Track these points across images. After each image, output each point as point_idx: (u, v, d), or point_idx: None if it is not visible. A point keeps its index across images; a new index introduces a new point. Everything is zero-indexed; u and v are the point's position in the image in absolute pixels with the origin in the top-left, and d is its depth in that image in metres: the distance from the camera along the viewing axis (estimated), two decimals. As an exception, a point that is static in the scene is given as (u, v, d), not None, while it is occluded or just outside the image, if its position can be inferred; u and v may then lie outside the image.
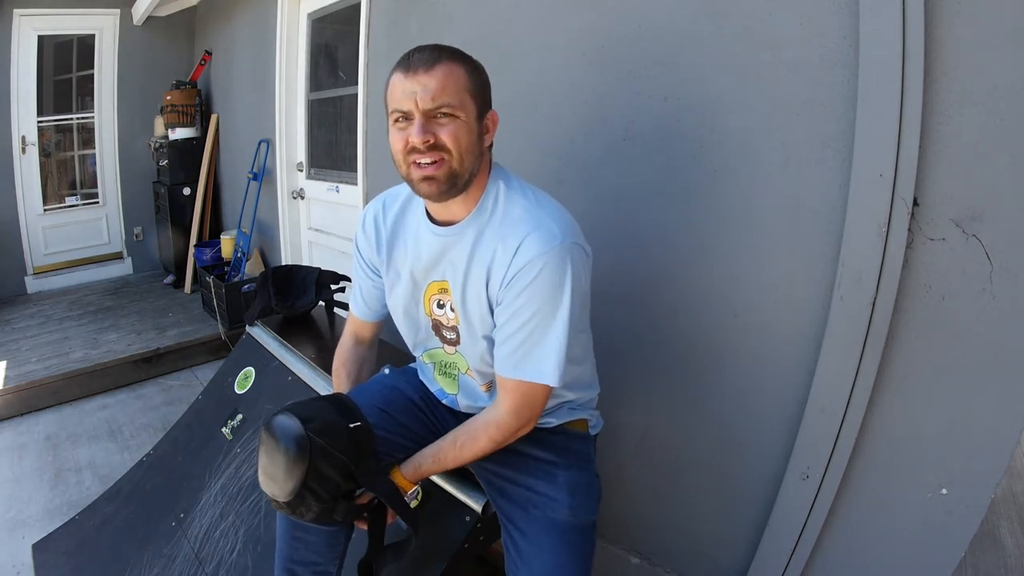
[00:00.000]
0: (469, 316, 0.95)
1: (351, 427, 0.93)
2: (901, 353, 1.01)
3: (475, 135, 0.86)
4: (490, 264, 0.89)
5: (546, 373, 0.88)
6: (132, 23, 3.92)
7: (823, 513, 1.11)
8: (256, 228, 3.34)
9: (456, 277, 0.94)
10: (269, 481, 0.89)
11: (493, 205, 0.92)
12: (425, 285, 0.99)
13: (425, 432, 1.08)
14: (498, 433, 0.93)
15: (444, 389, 1.09)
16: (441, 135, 0.83)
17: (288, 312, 1.94)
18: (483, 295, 0.92)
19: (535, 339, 0.87)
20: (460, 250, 0.93)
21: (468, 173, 0.87)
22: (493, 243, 0.90)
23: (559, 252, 0.85)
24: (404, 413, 1.08)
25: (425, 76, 0.82)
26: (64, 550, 1.60)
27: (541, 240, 0.85)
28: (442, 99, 0.82)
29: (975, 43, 0.89)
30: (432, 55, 0.84)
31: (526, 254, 0.85)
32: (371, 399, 1.06)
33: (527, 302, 0.86)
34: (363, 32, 2.24)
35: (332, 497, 0.90)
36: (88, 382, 2.66)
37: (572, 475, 1.01)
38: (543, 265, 0.84)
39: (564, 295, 0.85)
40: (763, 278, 1.18)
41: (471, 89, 0.85)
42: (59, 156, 3.97)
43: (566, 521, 0.96)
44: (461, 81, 0.84)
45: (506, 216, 0.90)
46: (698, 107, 1.23)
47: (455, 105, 0.83)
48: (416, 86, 0.82)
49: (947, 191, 0.94)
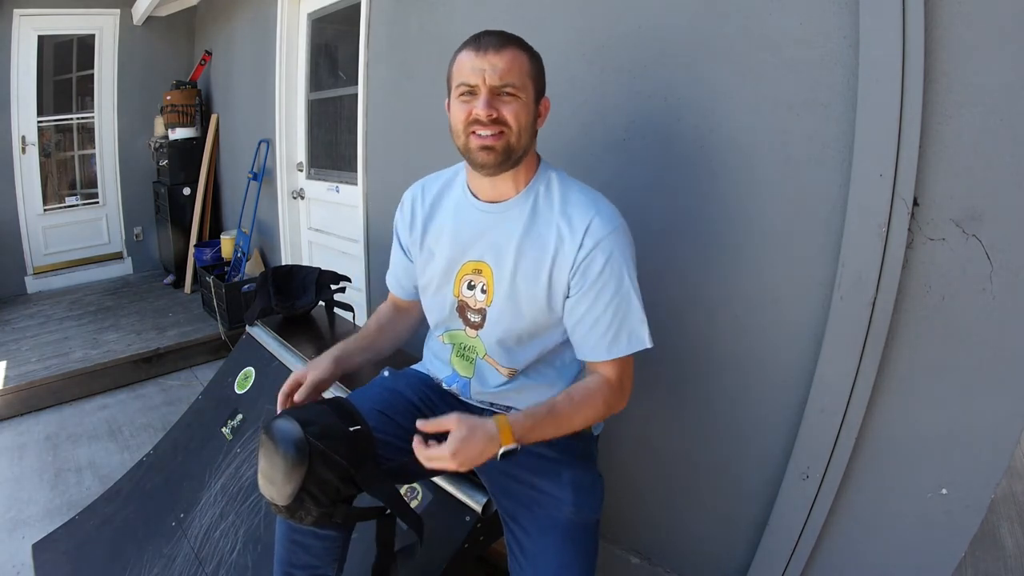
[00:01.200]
0: (517, 289, 0.98)
1: (351, 431, 0.93)
2: (901, 353, 1.01)
3: (532, 116, 0.94)
4: (557, 245, 0.95)
5: (641, 339, 0.94)
6: (132, 23, 3.92)
7: (823, 513, 1.11)
8: (256, 228, 3.34)
9: (504, 253, 0.98)
10: (268, 485, 0.89)
11: (547, 188, 0.99)
12: (460, 264, 1.03)
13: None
14: (611, 396, 0.95)
15: (458, 372, 1.10)
16: (503, 111, 0.91)
17: (288, 312, 1.94)
18: (542, 276, 0.96)
19: (621, 316, 0.93)
20: (508, 229, 0.98)
21: (522, 150, 0.94)
22: (556, 223, 0.95)
23: (622, 231, 0.94)
24: (404, 416, 1.08)
25: (495, 56, 0.90)
26: (64, 550, 1.60)
27: (605, 222, 0.93)
28: (508, 79, 0.90)
29: (975, 43, 0.89)
30: (501, 39, 0.92)
31: (595, 235, 0.92)
32: (371, 402, 1.06)
33: (604, 285, 0.92)
34: (363, 32, 2.24)
35: (331, 501, 0.89)
36: (88, 382, 2.66)
37: (576, 473, 1.01)
38: (613, 247, 0.92)
39: (632, 266, 0.94)
40: (763, 278, 1.18)
41: (532, 74, 0.93)
42: (59, 156, 3.97)
43: (571, 519, 0.96)
44: (525, 66, 0.92)
45: (565, 199, 0.97)
46: (698, 107, 1.23)
47: (518, 86, 0.91)
48: (485, 64, 0.90)
49: (947, 191, 0.94)
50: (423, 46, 1.97)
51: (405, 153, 2.14)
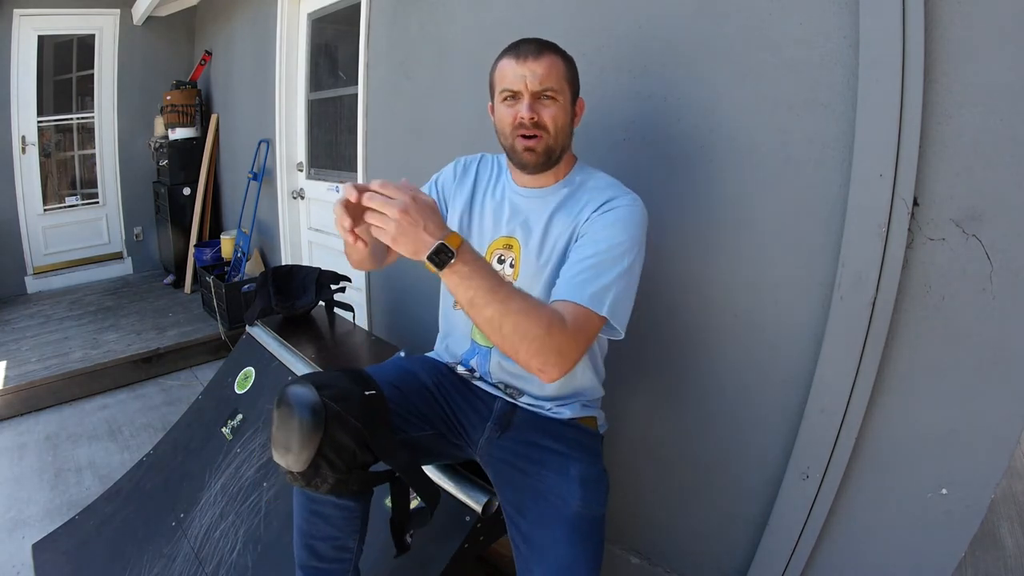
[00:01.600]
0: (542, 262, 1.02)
1: (366, 395, 0.93)
2: (901, 353, 1.01)
3: (569, 117, 1.02)
4: (579, 211, 1.00)
5: (601, 301, 0.89)
6: (132, 23, 3.92)
7: (823, 513, 1.11)
8: (256, 228, 3.34)
9: (532, 232, 1.04)
10: (284, 452, 0.89)
11: (583, 177, 1.06)
12: (493, 239, 1.08)
13: (435, 417, 1.09)
14: (559, 331, 0.83)
15: (477, 342, 1.11)
16: (543, 115, 0.98)
17: (288, 312, 1.94)
18: (566, 236, 1.00)
19: (599, 271, 0.92)
20: (541, 209, 1.04)
21: (560, 148, 1.02)
22: (585, 197, 1.02)
23: (642, 209, 0.99)
24: (417, 395, 1.09)
25: (534, 63, 0.96)
26: (64, 550, 1.60)
27: (630, 198, 0.99)
28: (548, 84, 0.97)
29: (975, 43, 0.89)
30: (539, 46, 0.98)
31: (617, 201, 0.98)
32: (386, 376, 1.07)
33: (604, 235, 0.94)
34: (363, 32, 2.24)
35: (347, 467, 0.90)
36: (88, 382, 2.66)
37: (584, 467, 1.01)
38: (628, 210, 0.97)
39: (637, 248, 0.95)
40: (763, 278, 1.18)
41: (568, 78, 1.00)
42: (59, 156, 3.97)
43: (579, 512, 0.96)
44: (562, 70, 0.99)
45: (598, 183, 1.04)
46: (698, 107, 1.23)
47: (557, 90, 0.98)
48: (526, 71, 0.97)
49: (947, 191, 0.94)
50: (423, 46, 1.97)
51: (405, 153, 2.14)
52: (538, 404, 1.08)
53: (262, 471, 1.45)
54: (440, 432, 1.09)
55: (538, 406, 1.08)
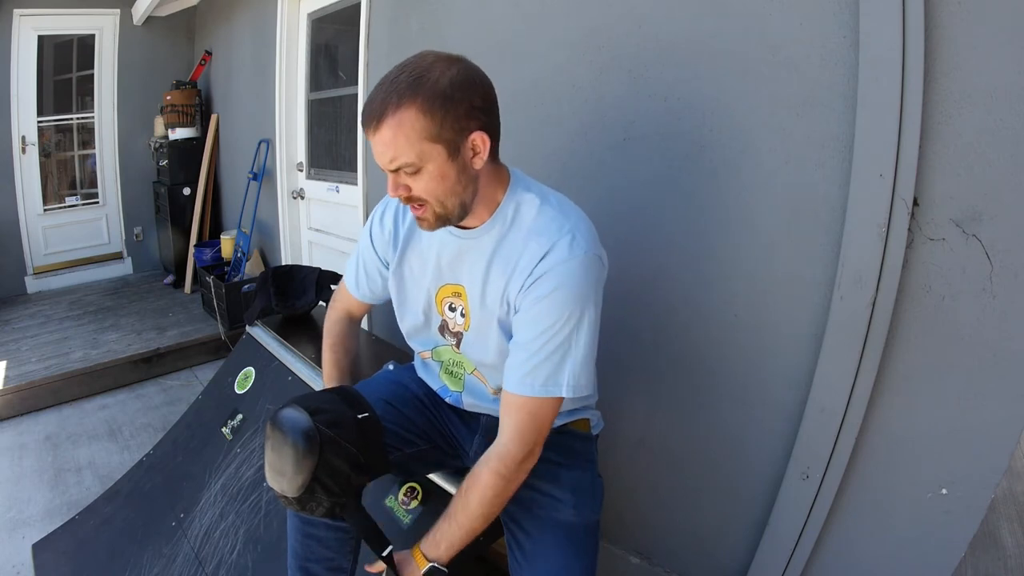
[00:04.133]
0: (486, 317, 0.93)
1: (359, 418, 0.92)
2: (901, 353, 1.01)
3: (452, 177, 0.82)
4: (516, 264, 0.88)
5: (559, 384, 0.85)
6: (132, 23, 3.92)
7: (823, 513, 1.11)
8: (256, 228, 3.34)
9: (474, 280, 0.93)
10: (277, 477, 0.87)
11: (515, 213, 0.90)
12: (438, 287, 0.99)
13: (430, 427, 1.09)
14: (500, 464, 0.86)
15: (448, 387, 1.09)
16: (414, 188, 0.82)
17: (288, 312, 1.94)
18: (501, 295, 0.90)
19: (547, 352, 0.84)
20: (479, 253, 0.92)
21: (458, 208, 0.86)
22: (520, 245, 0.88)
23: (583, 262, 0.84)
24: (409, 407, 1.08)
25: (375, 136, 0.79)
26: (64, 550, 1.60)
27: (567, 249, 0.84)
28: (399, 159, 0.79)
29: (975, 43, 0.89)
30: (378, 107, 0.78)
31: (551, 261, 0.84)
32: (377, 392, 1.06)
33: (546, 312, 0.84)
34: (363, 32, 2.24)
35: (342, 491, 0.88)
36: (88, 382, 2.66)
37: (576, 475, 1.01)
38: (566, 276, 0.83)
39: (588, 307, 0.85)
40: (763, 278, 1.18)
41: (431, 132, 0.78)
42: (59, 156, 3.97)
43: (571, 521, 0.96)
44: (415, 130, 0.77)
45: (534, 222, 0.88)
46: (698, 107, 1.23)
47: (414, 161, 0.79)
48: (375, 146, 0.80)
49: (947, 191, 0.94)
50: (423, 46, 1.96)
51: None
52: None
53: (262, 471, 1.44)
54: (435, 444, 1.08)
55: None
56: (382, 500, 1.23)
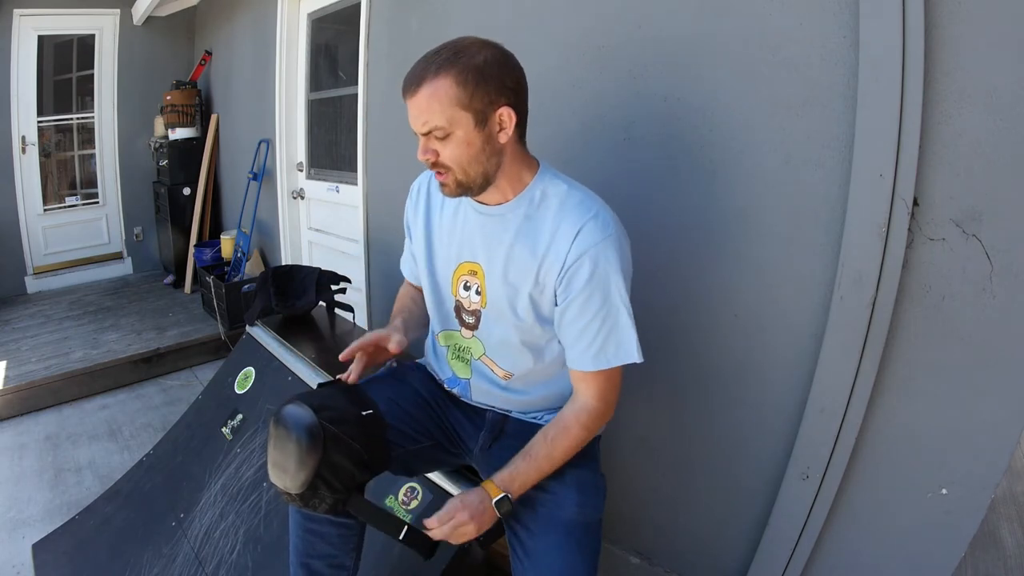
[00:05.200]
0: (508, 292, 0.96)
1: (363, 414, 0.92)
2: (901, 353, 1.01)
3: (477, 145, 0.86)
4: (548, 244, 0.91)
5: (629, 352, 0.91)
6: (132, 23, 3.92)
7: (823, 513, 1.11)
8: (256, 228, 3.34)
9: (496, 256, 0.95)
10: (280, 474, 0.87)
11: (542, 196, 0.94)
12: (456, 264, 1.01)
13: (432, 424, 1.09)
14: (589, 419, 0.94)
15: (456, 374, 1.09)
16: (441, 153, 0.87)
17: (288, 312, 1.94)
18: (532, 273, 0.93)
19: (608, 327, 0.90)
20: (502, 231, 0.95)
21: (481, 177, 0.89)
22: (550, 225, 0.91)
23: (615, 240, 0.89)
24: (412, 404, 1.08)
25: (412, 100, 0.85)
26: (64, 550, 1.60)
27: (598, 229, 0.88)
28: (431, 123, 0.84)
29: (975, 43, 0.89)
30: (418, 74, 0.84)
31: (585, 241, 0.88)
32: (380, 388, 1.06)
33: (591, 296, 0.89)
34: (363, 32, 2.24)
35: (346, 487, 0.89)
36: (88, 382, 2.66)
37: (579, 473, 1.00)
38: (601, 255, 0.88)
39: (621, 279, 0.89)
40: (763, 278, 1.18)
41: (462, 100, 0.83)
42: (59, 156, 3.97)
43: (574, 519, 0.95)
44: (448, 97, 0.82)
45: (563, 203, 0.92)
46: (698, 107, 1.23)
47: (444, 125, 0.84)
48: (411, 109, 0.86)
49: (947, 191, 0.94)
50: (423, 46, 1.95)
51: (405, 153, 2.14)
52: (528, 416, 1.08)
53: (262, 471, 1.44)
54: (437, 441, 1.08)
55: (529, 417, 1.08)
56: (382, 500, 1.23)
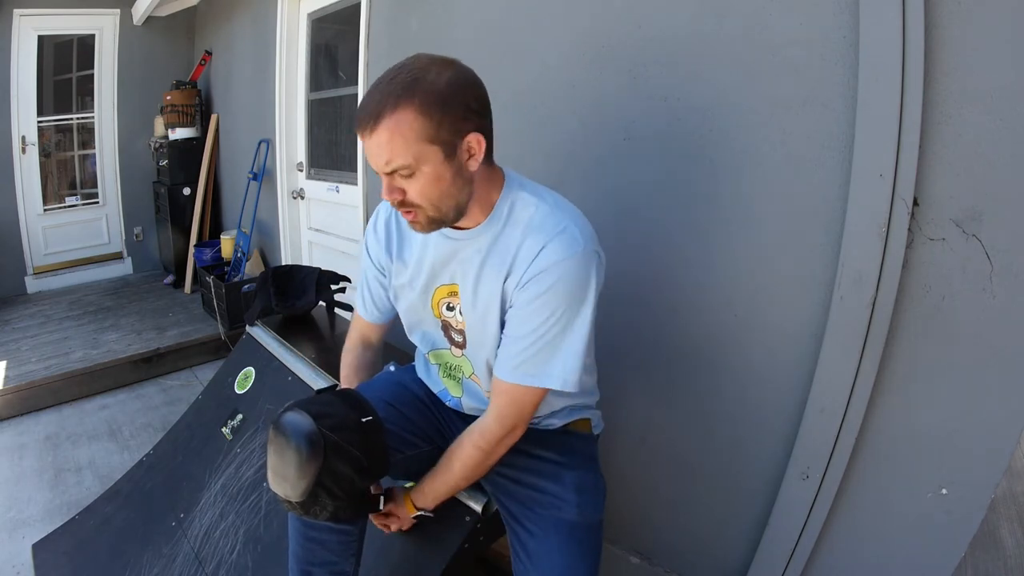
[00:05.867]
0: (480, 315, 0.92)
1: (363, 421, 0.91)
2: (901, 353, 1.01)
3: (448, 178, 0.81)
4: (513, 260, 0.87)
5: (551, 377, 0.86)
6: (132, 23, 3.92)
7: (823, 513, 1.11)
8: (256, 228, 3.34)
9: (467, 277, 0.92)
10: (280, 481, 0.86)
11: (509, 212, 0.89)
12: (434, 288, 0.98)
13: (431, 428, 1.08)
14: (481, 439, 0.92)
15: (448, 391, 1.08)
16: (408, 191, 0.81)
17: (288, 312, 1.94)
18: (498, 292, 0.89)
19: (545, 344, 0.85)
20: (474, 252, 0.91)
21: (453, 211, 0.85)
22: (517, 241, 0.87)
23: (582, 258, 0.83)
24: (411, 408, 1.07)
25: (370, 139, 0.78)
26: (64, 550, 1.60)
27: (564, 245, 0.83)
28: (395, 162, 0.78)
29: (975, 43, 0.89)
30: (373, 109, 0.77)
31: (549, 257, 0.83)
32: (379, 393, 1.05)
33: (541, 307, 0.84)
34: (363, 32, 2.24)
35: (347, 495, 0.88)
36: (88, 382, 2.66)
37: (579, 474, 1.00)
38: (563, 272, 0.83)
39: (584, 304, 0.85)
40: (763, 278, 1.18)
41: (428, 134, 0.77)
42: (59, 156, 3.97)
43: (574, 520, 0.95)
44: (412, 132, 0.76)
45: (531, 220, 0.87)
46: (698, 107, 1.23)
47: (410, 163, 0.78)
48: (369, 148, 0.79)
49: (947, 191, 0.94)
50: (423, 46, 1.97)
51: (405, 153, 2.14)
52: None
53: (262, 471, 1.44)
54: (436, 445, 1.08)
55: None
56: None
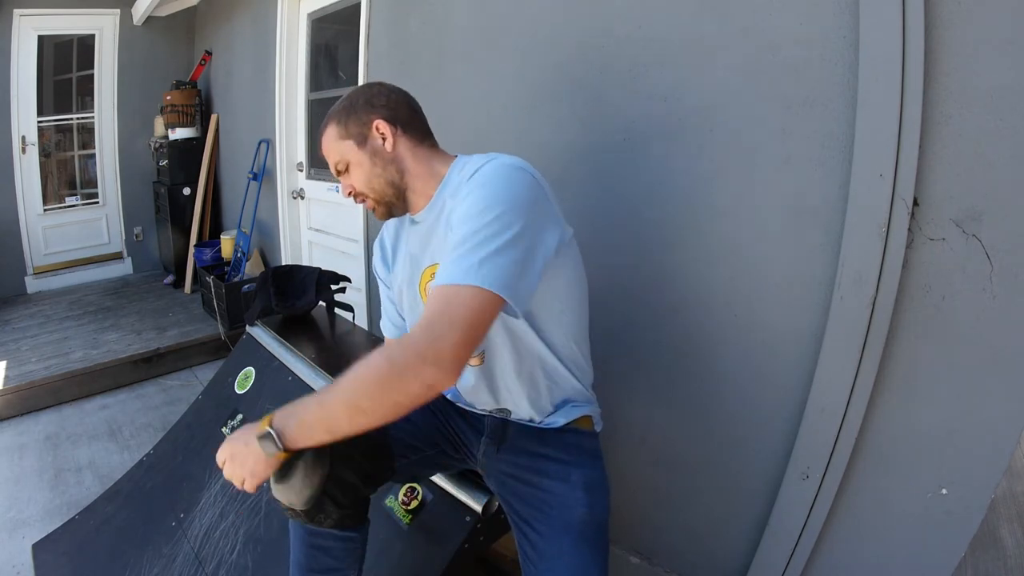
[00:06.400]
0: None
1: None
2: (901, 353, 1.01)
3: (367, 162, 0.97)
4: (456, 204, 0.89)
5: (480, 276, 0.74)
6: (132, 23, 3.92)
7: (823, 513, 1.11)
8: (256, 228, 3.34)
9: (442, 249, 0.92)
10: (284, 490, 0.85)
11: (456, 171, 0.97)
12: (420, 274, 1.01)
13: (435, 433, 1.08)
14: (397, 347, 0.73)
15: None
16: (354, 183, 0.99)
17: (288, 312, 1.94)
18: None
19: (476, 245, 0.77)
20: (436, 223, 0.97)
21: (390, 188, 0.98)
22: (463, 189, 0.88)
23: (511, 169, 0.85)
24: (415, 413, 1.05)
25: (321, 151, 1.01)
26: (64, 550, 1.60)
27: (493, 164, 0.87)
28: (332, 162, 1.00)
29: (975, 43, 0.89)
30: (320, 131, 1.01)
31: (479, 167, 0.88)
32: None
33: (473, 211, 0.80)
34: (363, 32, 2.24)
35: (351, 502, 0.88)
36: (88, 382, 2.66)
37: (586, 472, 0.99)
38: (490, 176, 0.84)
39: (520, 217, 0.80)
40: (763, 278, 1.18)
41: (341, 133, 0.97)
42: (59, 156, 3.97)
43: (585, 519, 0.94)
44: (333, 137, 0.98)
45: (469, 167, 0.91)
46: (698, 107, 1.23)
47: (343, 159, 0.98)
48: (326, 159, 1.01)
49: (947, 191, 0.94)
50: (423, 46, 1.97)
51: (405, 153, 2.14)
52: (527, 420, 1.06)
53: (262, 471, 1.44)
54: (441, 448, 1.08)
55: (528, 421, 1.06)
56: (382, 500, 1.23)
